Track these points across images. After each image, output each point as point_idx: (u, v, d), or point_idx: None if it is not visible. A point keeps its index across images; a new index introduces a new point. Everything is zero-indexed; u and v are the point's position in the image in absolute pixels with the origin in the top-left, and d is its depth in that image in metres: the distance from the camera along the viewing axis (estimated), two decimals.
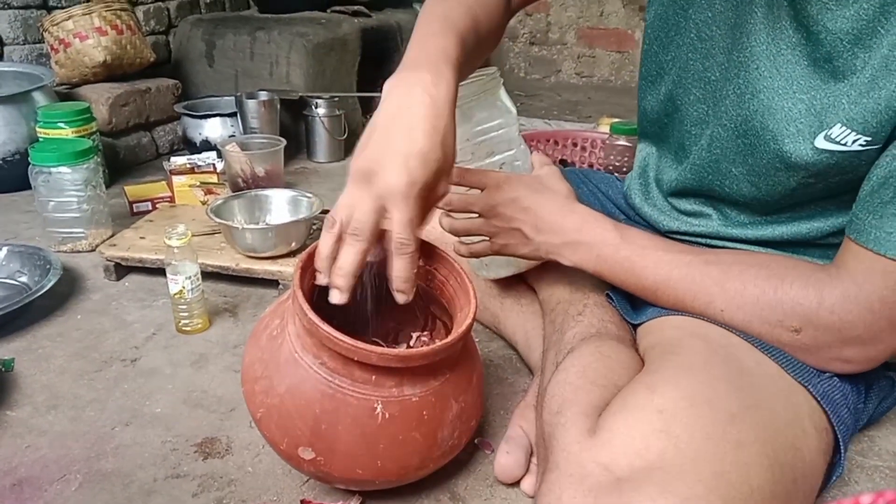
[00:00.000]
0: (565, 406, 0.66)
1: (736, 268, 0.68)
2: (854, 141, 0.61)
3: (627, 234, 0.74)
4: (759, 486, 0.57)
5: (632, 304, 0.82)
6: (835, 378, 0.67)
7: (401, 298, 0.64)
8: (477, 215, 0.80)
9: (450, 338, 0.65)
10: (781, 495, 0.59)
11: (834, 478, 0.68)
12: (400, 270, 0.62)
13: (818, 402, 0.65)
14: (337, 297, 0.63)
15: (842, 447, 0.66)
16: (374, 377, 0.63)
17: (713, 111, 0.74)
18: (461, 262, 0.75)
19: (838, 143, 0.62)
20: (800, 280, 0.64)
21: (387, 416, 0.63)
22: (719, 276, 0.68)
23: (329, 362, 0.63)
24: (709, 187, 0.77)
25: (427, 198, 0.61)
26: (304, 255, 0.69)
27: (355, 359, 0.62)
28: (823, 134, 0.63)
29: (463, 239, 0.85)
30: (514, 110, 0.84)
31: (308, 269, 0.68)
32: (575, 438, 0.61)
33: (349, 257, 0.61)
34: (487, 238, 0.81)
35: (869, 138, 0.60)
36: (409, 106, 0.61)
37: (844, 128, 0.61)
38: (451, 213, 0.83)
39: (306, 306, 0.62)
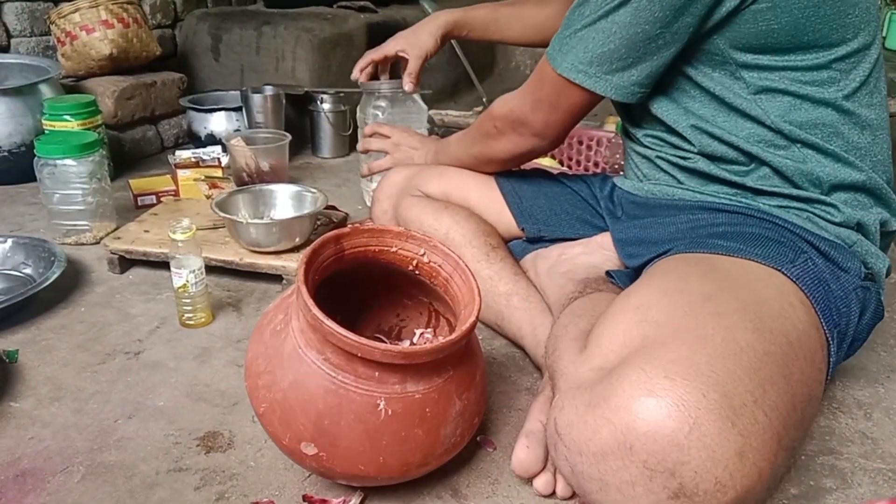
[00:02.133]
0: (558, 342, 0.75)
1: (473, 125, 1.05)
2: None
3: (445, 141, 1.14)
4: (749, 344, 0.60)
5: (632, 281, 0.86)
6: (808, 263, 0.72)
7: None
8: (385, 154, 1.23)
9: (454, 335, 0.65)
10: (777, 355, 0.62)
11: (831, 370, 0.72)
12: None
13: (795, 283, 0.70)
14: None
15: (825, 328, 0.70)
16: (377, 373, 0.63)
17: None
18: (466, 260, 0.76)
19: None
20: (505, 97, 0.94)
21: (389, 412, 0.63)
22: (465, 136, 1.07)
23: (333, 358, 0.63)
24: None
25: None
26: (308, 250, 0.69)
27: (359, 355, 0.62)
28: None
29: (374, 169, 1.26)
30: (425, 108, 1.43)
31: (312, 265, 0.68)
32: (569, 360, 0.69)
33: None
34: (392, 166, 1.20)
35: None
36: None
37: None
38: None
39: (311, 302, 0.62)
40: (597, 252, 0.96)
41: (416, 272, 0.77)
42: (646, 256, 0.84)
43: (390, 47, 1.27)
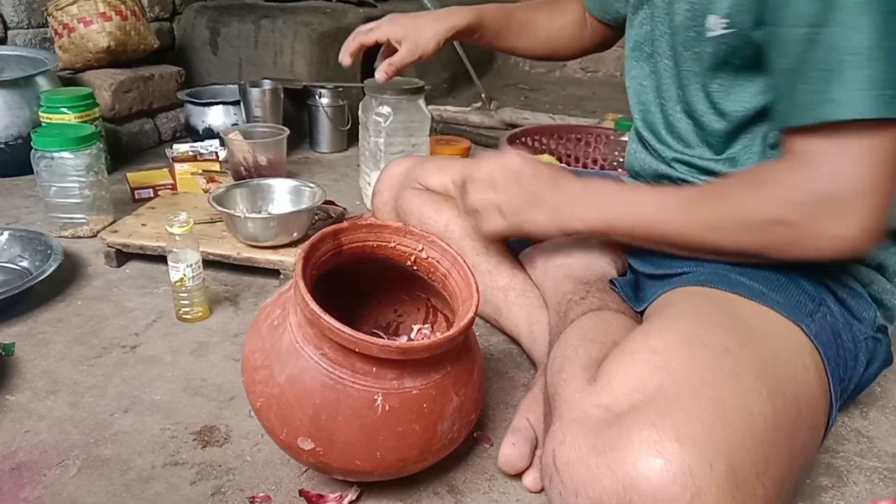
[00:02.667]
0: (566, 363, 0.71)
1: (715, 196, 0.71)
2: (718, 25, 0.73)
3: (625, 186, 0.83)
4: (761, 411, 0.59)
5: (635, 291, 0.85)
6: (826, 319, 0.70)
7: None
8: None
9: (452, 331, 0.65)
10: (786, 424, 0.61)
11: (830, 426, 0.71)
12: None
13: (812, 340, 0.68)
14: None
15: (831, 389, 0.69)
16: (374, 369, 0.63)
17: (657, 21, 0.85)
18: (464, 255, 0.76)
19: (712, 30, 0.73)
20: (766, 180, 0.68)
21: (387, 407, 0.63)
22: (703, 210, 0.71)
23: (330, 353, 0.63)
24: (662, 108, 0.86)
25: None
26: (306, 245, 0.68)
27: (356, 350, 0.61)
28: (705, 24, 0.74)
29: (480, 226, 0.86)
30: (429, 115, 1.42)
31: (310, 260, 0.68)
32: (576, 388, 0.65)
33: None
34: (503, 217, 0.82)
35: (727, 20, 0.72)
36: None
37: (712, 16, 0.73)
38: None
39: (308, 297, 0.62)
40: (594, 246, 0.96)
41: (414, 267, 0.77)
42: (658, 266, 0.82)
43: (384, 31, 1.14)
